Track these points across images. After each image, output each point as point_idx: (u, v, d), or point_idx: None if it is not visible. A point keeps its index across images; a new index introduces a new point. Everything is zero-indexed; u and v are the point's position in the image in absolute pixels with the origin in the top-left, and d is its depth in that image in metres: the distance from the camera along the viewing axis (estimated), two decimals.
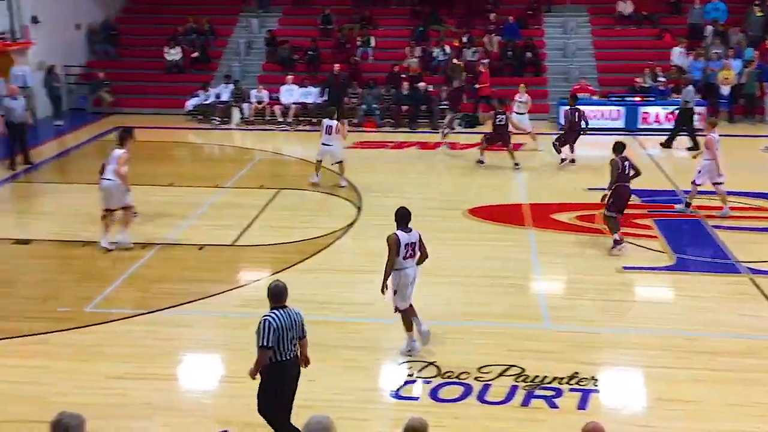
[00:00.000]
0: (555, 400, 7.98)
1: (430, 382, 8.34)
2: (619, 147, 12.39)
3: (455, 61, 22.21)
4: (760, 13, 23.57)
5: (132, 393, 8.14)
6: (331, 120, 15.33)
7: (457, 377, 8.41)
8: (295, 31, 25.34)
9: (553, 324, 9.74)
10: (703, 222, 13.43)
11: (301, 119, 21.88)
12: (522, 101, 18.91)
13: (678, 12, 25.04)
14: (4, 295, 10.65)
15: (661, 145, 18.59)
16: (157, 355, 8.95)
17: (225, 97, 22.38)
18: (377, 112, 21.68)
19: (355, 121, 21.54)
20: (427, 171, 17.13)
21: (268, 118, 22.05)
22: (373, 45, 24.66)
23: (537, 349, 9.00)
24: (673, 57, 22.88)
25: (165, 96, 23.34)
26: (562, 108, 19.35)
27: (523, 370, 8.51)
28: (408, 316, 8.87)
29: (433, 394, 8.13)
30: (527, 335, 9.42)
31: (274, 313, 6.71)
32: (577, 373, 8.43)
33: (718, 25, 23.53)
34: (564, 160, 17.25)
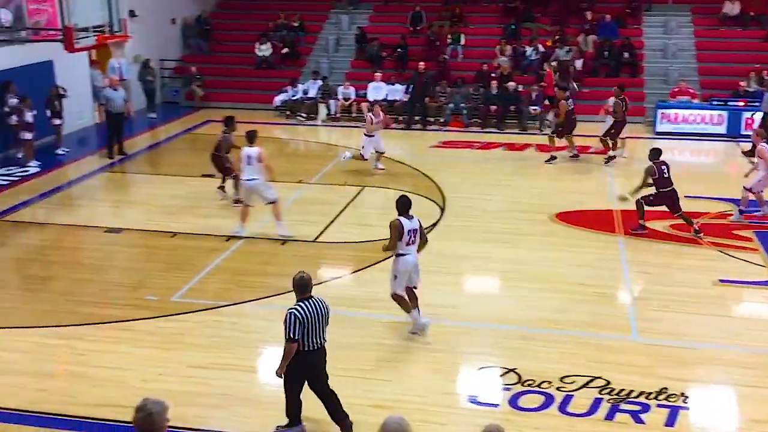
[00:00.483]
0: (641, 415, 7.68)
1: (510, 389, 8.14)
2: (656, 153, 12.38)
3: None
4: None
5: (213, 382, 8.25)
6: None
7: (538, 386, 8.18)
8: (384, 28, 25.31)
9: (641, 336, 9.36)
10: None
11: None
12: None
13: None
14: (96, 281, 11.00)
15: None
16: (238, 347, 9.05)
17: (312, 93, 22.56)
18: (464, 112, 21.44)
19: (441, 120, 21.38)
20: (513, 173, 16.80)
21: (354, 115, 22.11)
22: (462, 43, 24.37)
23: (623, 361, 8.68)
24: None
25: (254, 91, 23.70)
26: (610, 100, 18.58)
27: (608, 382, 8.21)
28: (404, 301, 9.09)
29: (513, 402, 7.93)
30: (613, 346, 9.08)
31: (300, 305, 6.87)
32: (665, 388, 8.09)
33: None
34: (612, 157, 17.13)
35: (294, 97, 22.59)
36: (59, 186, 15.75)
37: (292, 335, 6.75)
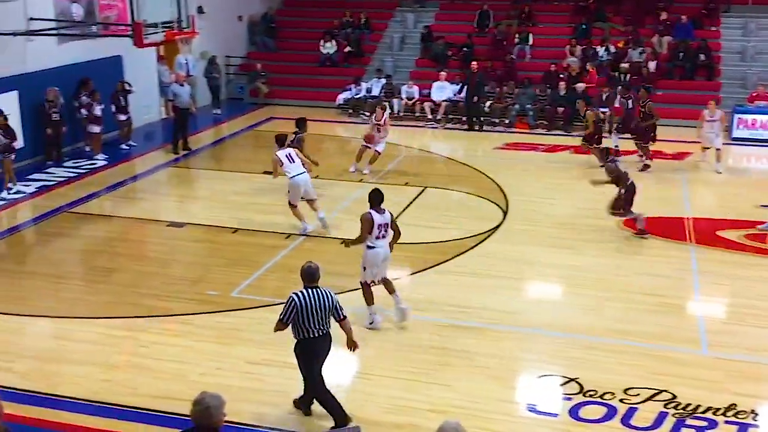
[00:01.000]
0: (708, 431, 7.38)
1: (570, 399, 7.92)
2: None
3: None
4: None
5: (268, 379, 8.27)
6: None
7: (600, 397, 7.93)
8: (451, 27, 25.08)
9: (710, 350, 9.00)
10: None
11: (450, 117, 21.64)
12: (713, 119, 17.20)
13: None
14: (158, 275, 11.15)
15: None
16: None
17: (376, 91, 22.51)
18: (530, 113, 21.07)
19: (506, 122, 21.08)
20: (579, 177, 16.39)
21: (417, 114, 21.98)
22: (530, 43, 23.98)
23: (691, 375, 8.36)
24: None
25: (318, 89, 23.79)
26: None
27: (674, 396, 7.91)
28: (369, 293, 9.28)
29: (574, 413, 7.71)
30: (681, 359, 8.75)
31: (302, 291, 7.15)
32: (734, 404, 7.76)
33: None
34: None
35: (357, 96, 22.59)
36: (125, 180, 16.07)
37: (282, 317, 7.14)
